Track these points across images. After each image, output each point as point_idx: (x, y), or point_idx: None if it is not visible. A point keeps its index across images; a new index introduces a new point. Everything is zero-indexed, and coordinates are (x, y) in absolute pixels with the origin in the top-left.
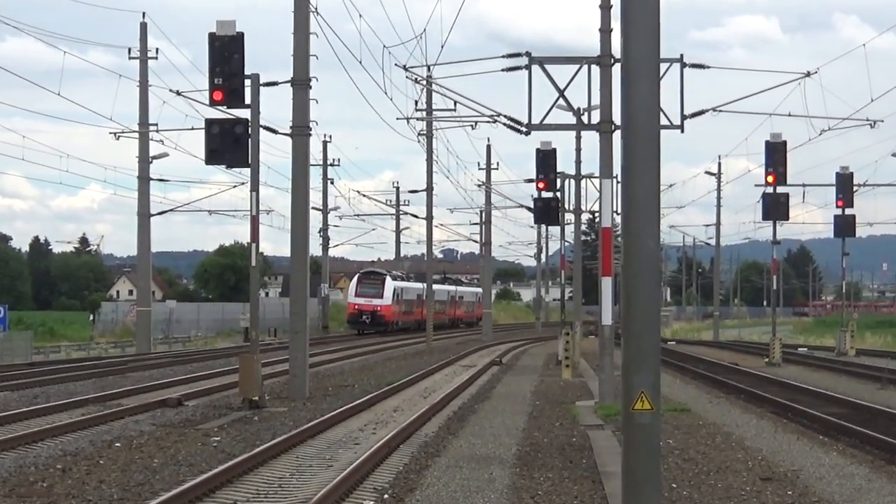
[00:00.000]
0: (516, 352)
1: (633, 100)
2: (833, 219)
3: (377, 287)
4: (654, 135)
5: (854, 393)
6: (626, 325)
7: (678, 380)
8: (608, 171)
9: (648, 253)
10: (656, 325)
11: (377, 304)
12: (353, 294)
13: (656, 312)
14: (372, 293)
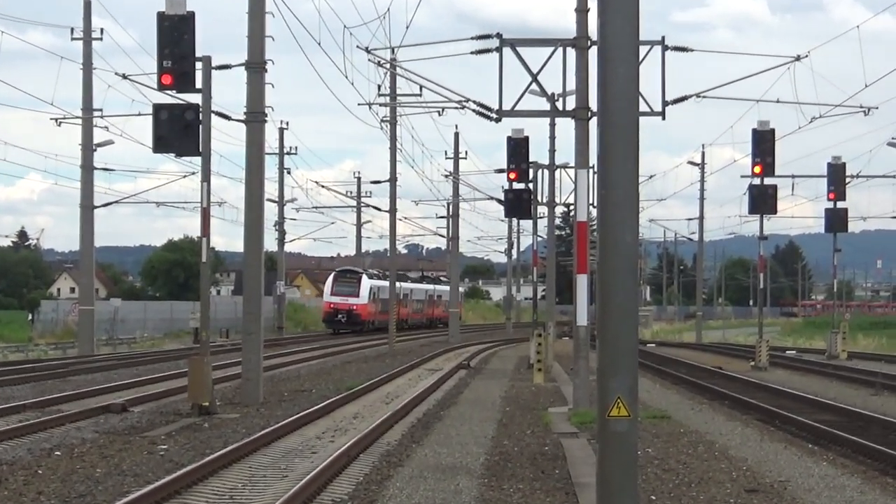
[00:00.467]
0: (485, 354)
1: (610, 85)
2: (824, 212)
3: (353, 286)
4: (632, 122)
5: (846, 399)
6: (601, 325)
7: (658, 385)
8: (584, 161)
9: (626, 248)
10: (634, 325)
11: (353, 303)
12: (329, 293)
13: (634, 312)
14: (347, 292)
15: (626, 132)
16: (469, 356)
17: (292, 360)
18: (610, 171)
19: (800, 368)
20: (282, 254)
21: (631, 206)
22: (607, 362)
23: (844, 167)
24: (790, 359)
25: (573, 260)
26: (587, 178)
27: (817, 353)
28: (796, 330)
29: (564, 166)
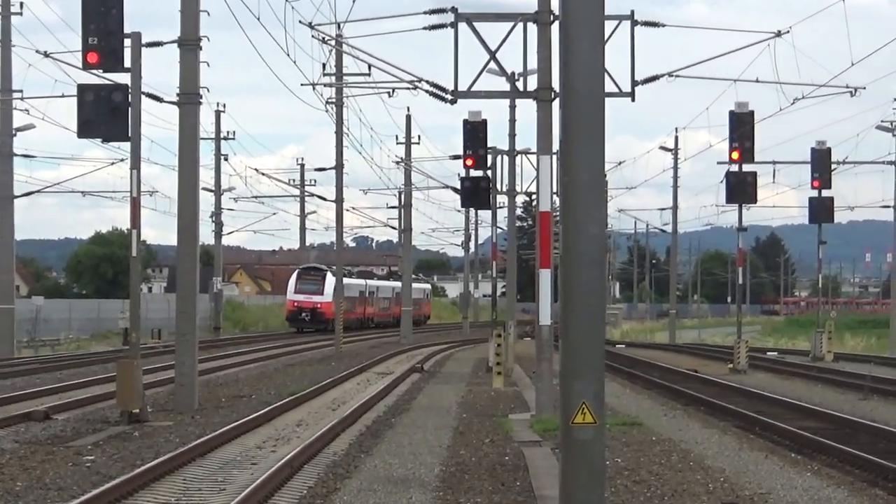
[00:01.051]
0: (440, 357)
1: (574, 63)
2: (808, 202)
3: (317, 283)
4: (598, 103)
5: (831, 404)
6: (564, 325)
7: (628, 389)
8: (547, 146)
9: (591, 241)
10: (600, 324)
11: (317, 302)
12: (293, 291)
13: (600, 310)
14: (311, 290)
15: (591, 114)
16: (423, 359)
17: (230, 363)
18: (573, 156)
19: (782, 371)
20: (219, 247)
21: (596, 195)
22: (571, 364)
23: (830, 152)
24: (771, 361)
25: (535, 254)
26: (550, 165)
27: (801, 355)
28: (778, 329)
29: (526, 152)
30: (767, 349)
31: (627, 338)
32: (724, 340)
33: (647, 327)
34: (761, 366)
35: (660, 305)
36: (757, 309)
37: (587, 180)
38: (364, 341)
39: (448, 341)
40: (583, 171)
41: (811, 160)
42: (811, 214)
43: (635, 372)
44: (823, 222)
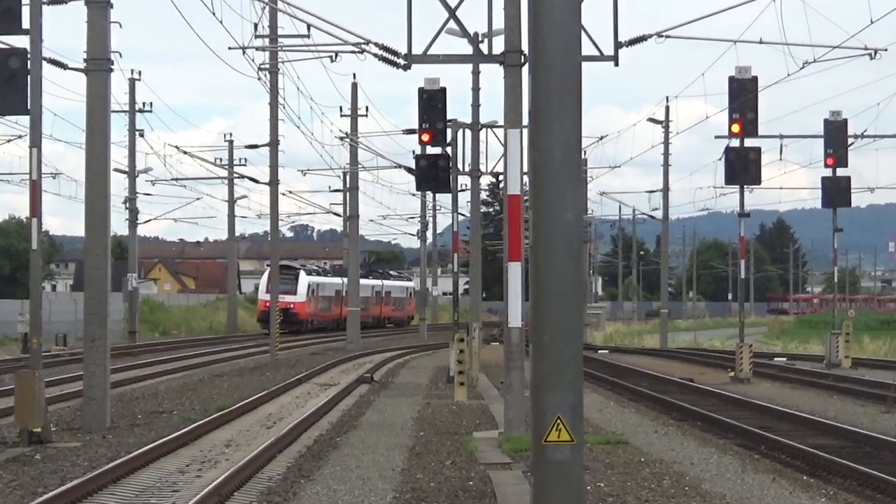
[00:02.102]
0: (393, 365)
1: (545, 21)
2: (821, 182)
3: (290, 282)
4: (573, 69)
5: (849, 418)
6: (536, 327)
7: (612, 402)
8: (516, 119)
9: (567, 229)
10: (577, 326)
11: (290, 302)
12: (264, 290)
13: (577, 310)
14: (284, 289)
15: (565, 81)
16: (372, 367)
17: (148, 373)
18: (545, 130)
19: (791, 380)
20: (134, 238)
21: (572, 175)
22: (544, 373)
23: (846, 125)
24: (779, 368)
25: (503, 244)
26: (520, 140)
27: (814, 361)
28: (787, 331)
29: (492, 125)
30: (775, 354)
31: (611, 342)
32: (723, 344)
33: (635, 329)
34: (767, 374)
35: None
36: (762, 308)
37: (561, 158)
38: (304, 347)
39: (402, 347)
40: (556, 148)
41: (824, 134)
42: (824, 197)
43: (620, 381)
44: (839, 206)
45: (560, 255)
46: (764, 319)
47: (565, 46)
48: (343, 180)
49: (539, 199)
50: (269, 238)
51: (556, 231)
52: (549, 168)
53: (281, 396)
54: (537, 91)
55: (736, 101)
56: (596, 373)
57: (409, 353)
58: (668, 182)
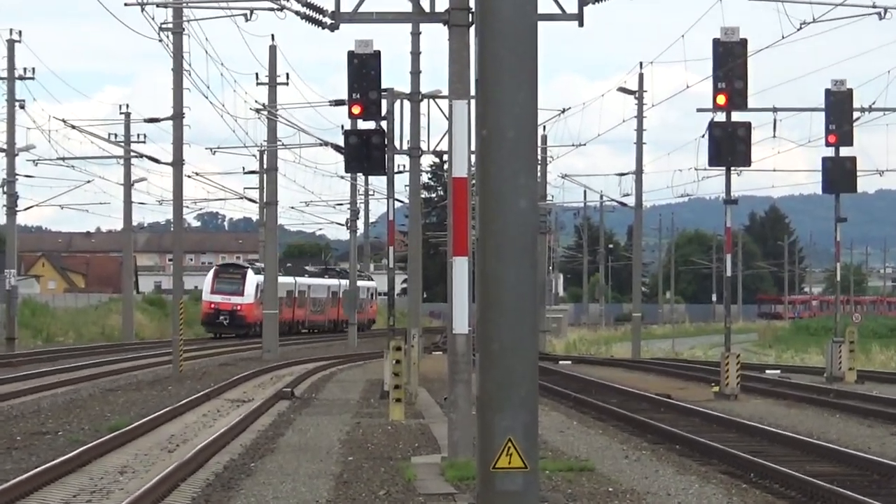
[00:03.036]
0: (318, 377)
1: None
2: (821, 164)
3: (237, 282)
4: (528, 29)
5: (853, 441)
6: (483, 334)
7: (575, 421)
8: (463, 89)
9: (520, 218)
10: (531, 333)
11: (237, 303)
12: (209, 291)
13: (531, 313)
14: (230, 290)
15: (519, 44)
16: (293, 380)
17: (29, 387)
18: (495, 102)
19: (786, 396)
20: (12, 228)
21: (526, 155)
22: (492, 388)
23: (851, 96)
24: (772, 382)
25: (448, 236)
26: (468, 113)
27: (813, 374)
28: (781, 339)
29: (435, 96)
30: (766, 366)
31: (574, 351)
32: (706, 354)
33: (602, 336)
34: (758, 389)
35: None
36: (752, 311)
37: (514, 136)
38: (214, 357)
39: (329, 356)
40: (508, 123)
41: (825, 107)
42: (826, 181)
43: (585, 398)
44: (842, 192)
45: (512, 249)
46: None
47: (519, 4)
48: (259, 160)
49: (488, 184)
50: (173, 228)
51: (507, 221)
52: (500, 147)
53: (185, 415)
54: (486, 55)
55: (721, 67)
56: (556, 387)
57: (336, 363)
58: (642, 163)
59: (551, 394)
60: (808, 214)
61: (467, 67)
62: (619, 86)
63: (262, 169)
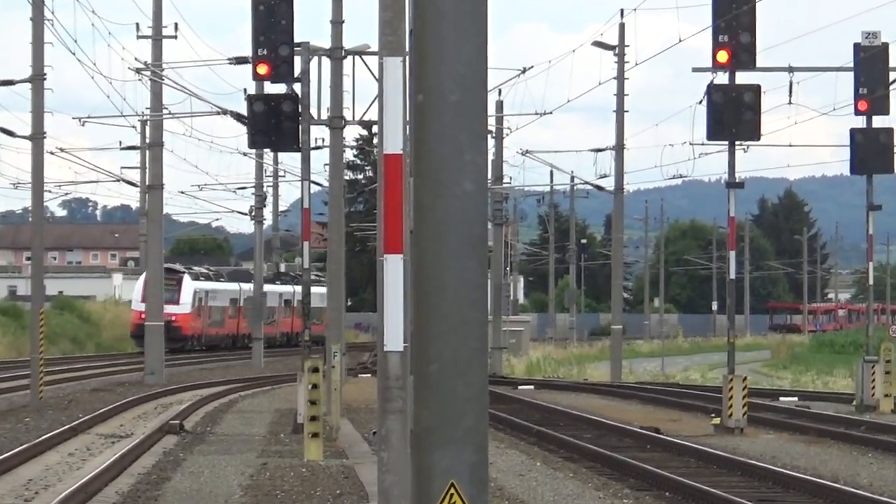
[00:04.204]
0: (215, 405)
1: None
2: (849, 137)
3: (171, 289)
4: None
5: (891, 487)
6: (419, 352)
7: (539, 462)
8: (397, 42)
9: (465, 205)
10: (480, 351)
11: (171, 313)
12: (139, 299)
13: (480, 326)
14: (165, 297)
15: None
16: (183, 410)
17: None
18: (434, 60)
19: (805, 429)
20: None
21: (474, 125)
22: (431, 420)
23: (887, 52)
24: (787, 412)
25: (378, 228)
26: (403, 75)
27: (840, 402)
28: (800, 357)
29: (362, 52)
30: (781, 392)
31: (538, 373)
32: (704, 377)
33: (573, 354)
34: (770, 421)
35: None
36: (763, 322)
37: (458, 101)
38: (84, 380)
39: (228, 379)
40: (450, 85)
41: (854, 66)
42: (854, 159)
43: (551, 432)
44: (876, 172)
45: (456, 244)
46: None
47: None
48: (141, 133)
49: (426, 162)
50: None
51: (450, 209)
52: (441, 115)
53: (47, 454)
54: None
55: (723, 15)
56: (514, 419)
57: (237, 388)
58: (623, 136)
59: (508, 427)
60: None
61: (403, 15)
62: (594, 39)
63: (144, 144)
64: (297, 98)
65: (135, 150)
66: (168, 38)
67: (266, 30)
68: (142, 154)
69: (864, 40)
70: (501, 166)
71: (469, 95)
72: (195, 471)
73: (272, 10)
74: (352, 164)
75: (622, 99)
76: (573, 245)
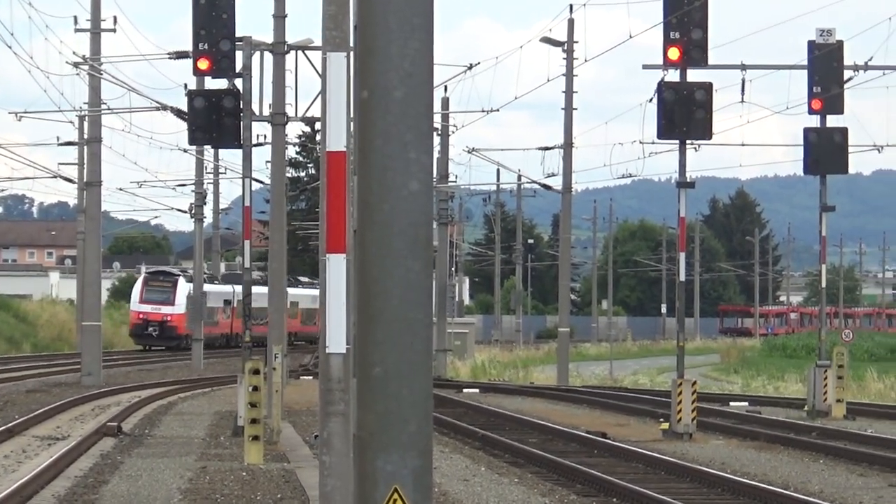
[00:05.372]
0: (154, 407)
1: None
2: (803, 137)
3: (167, 291)
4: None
5: (842, 494)
6: (363, 355)
7: (483, 467)
8: (341, 37)
9: (410, 205)
10: (425, 353)
11: (167, 313)
12: (137, 300)
13: (425, 328)
14: (160, 299)
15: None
16: (121, 412)
17: None
18: (379, 56)
19: (756, 435)
20: None
21: (419, 123)
22: (374, 424)
23: (841, 50)
24: (738, 417)
25: (321, 227)
26: (347, 70)
27: (791, 407)
28: (750, 362)
29: (305, 47)
30: (731, 397)
31: (484, 376)
32: (653, 381)
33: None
34: (719, 426)
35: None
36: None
37: (403, 98)
38: (19, 381)
39: (167, 381)
40: (395, 81)
41: (808, 64)
42: (808, 159)
43: (497, 437)
44: (829, 173)
45: (401, 244)
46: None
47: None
48: (79, 128)
49: (370, 160)
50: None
51: (394, 208)
52: (386, 112)
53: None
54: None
55: (674, 12)
56: (459, 423)
57: (176, 389)
58: (572, 134)
59: (453, 431)
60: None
61: (347, 10)
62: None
63: (83, 139)
64: (238, 94)
65: (73, 146)
66: (107, 32)
67: (207, 24)
68: (80, 150)
69: (818, 38)
70: (447, 165)
71: (414, 92)
72: (133, 474)
73: (213, 4)
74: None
75: (571, 96)
76: (520, 245)
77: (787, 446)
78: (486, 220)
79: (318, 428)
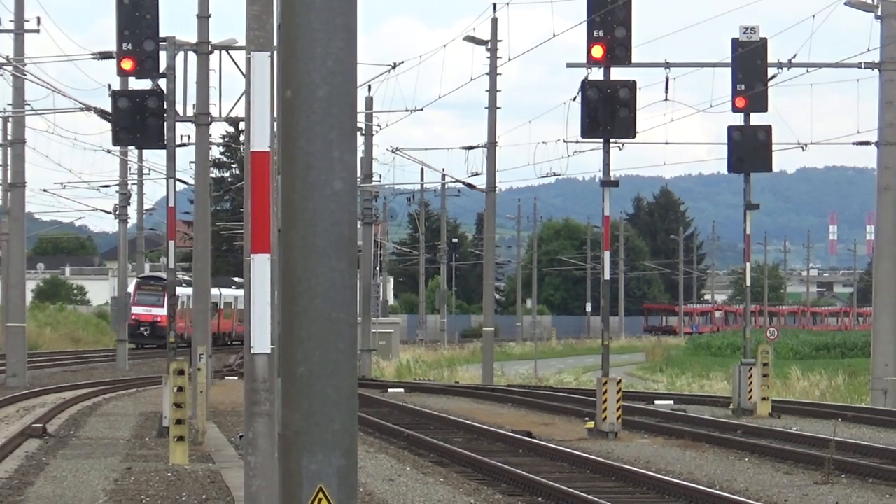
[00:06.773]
0: (78, 408)
1: None
2: (727, 135)
3: (157, 294)
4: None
5: (768, 492)
6: (287, 355)
7: (409, 466)
8: (265, 37)
9: (333, 204)
10: (349, 353)
11: (158, 315)
12: (133, 302)
13: (349, 328)
14: (152, 301)
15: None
16: (46, 412)
17: None
18: (302, 55)
19: (681, 433)
20: None
21: (343, 122)
22: (299, 423)
23: (765, 48)
24: (663, 415)
25: (245, 227)
26: (271, 70)
27: (716, 405)
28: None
29: (229, 47)
30: (656, 395)
31: (409, 375)
32: (578, 380)
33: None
34: (645, 425)
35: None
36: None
37: (326, 97)
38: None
39: (92, 382)
40: (319, 80)
41: (732, 61)
42: (732, 157)
43: (421, 436)
44: (753, 171)
45: (324, 244)
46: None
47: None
48: (2, 129)
49: (293, 160)
50: None
51: (318, 208)
52: (309, 111)
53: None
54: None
55: (598, 10)
56: (384, 422)
57: (101, 391)
58: (496, 133)
59: (378, 430)
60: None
61: (271, 10)
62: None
63: (6, 141)
64: (162, 94)
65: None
66: (30, 33)
67: (131, 24)
68: (3, 151)
69: (742, 35)
70: (371, 164)
71: (338, 91)
72: (58, 476)
73: (137, 4)
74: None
75: (494, 95)
76: (444, 245)
77: (713, 445)
78: (410, 220)
79: (243, 428)
